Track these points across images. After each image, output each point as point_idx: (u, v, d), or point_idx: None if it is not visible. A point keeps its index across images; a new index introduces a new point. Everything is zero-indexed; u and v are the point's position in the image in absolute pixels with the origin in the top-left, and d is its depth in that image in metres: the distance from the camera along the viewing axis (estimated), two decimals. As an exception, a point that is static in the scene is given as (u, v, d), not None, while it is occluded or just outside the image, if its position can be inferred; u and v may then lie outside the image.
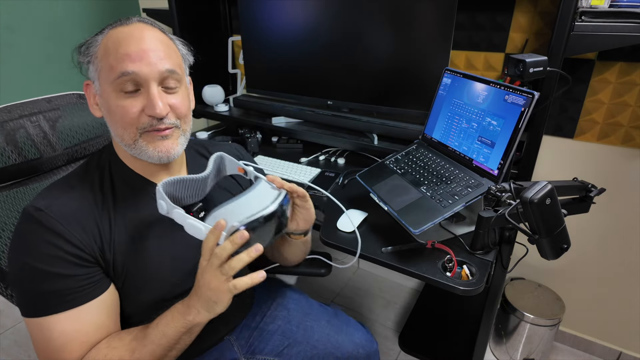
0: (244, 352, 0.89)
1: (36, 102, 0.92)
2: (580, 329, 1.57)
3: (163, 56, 0.67)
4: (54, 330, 0.64)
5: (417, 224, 0.88)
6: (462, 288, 0.83)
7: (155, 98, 0.66)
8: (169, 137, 0.70)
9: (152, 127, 0.68)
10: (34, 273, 0.63)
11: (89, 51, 0.69)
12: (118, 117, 0.67)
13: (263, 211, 0.63)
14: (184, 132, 0.74)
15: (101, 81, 0.68)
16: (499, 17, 1.27)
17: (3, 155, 0.84)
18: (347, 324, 0.95)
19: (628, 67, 1.17)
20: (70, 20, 1.85)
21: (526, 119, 0.87)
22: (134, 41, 0.66)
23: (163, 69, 0.67)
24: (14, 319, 1.74)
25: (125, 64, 0.64)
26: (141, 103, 0.67)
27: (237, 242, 0.59)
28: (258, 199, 0.66)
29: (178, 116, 0.71)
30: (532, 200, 0.70)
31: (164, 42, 0.70)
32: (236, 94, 1.87)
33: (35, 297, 0.64)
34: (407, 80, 1.32)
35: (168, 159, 0.71)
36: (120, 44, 0.66)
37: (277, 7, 1.45)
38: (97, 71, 0.68)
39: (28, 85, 1.77)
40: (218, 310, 0.64)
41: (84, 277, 0.66)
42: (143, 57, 0.65)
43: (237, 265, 0.60)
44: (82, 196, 0.69)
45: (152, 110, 0.66)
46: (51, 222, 0.64)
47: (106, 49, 0.67)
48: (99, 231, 0.68)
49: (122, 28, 0.68)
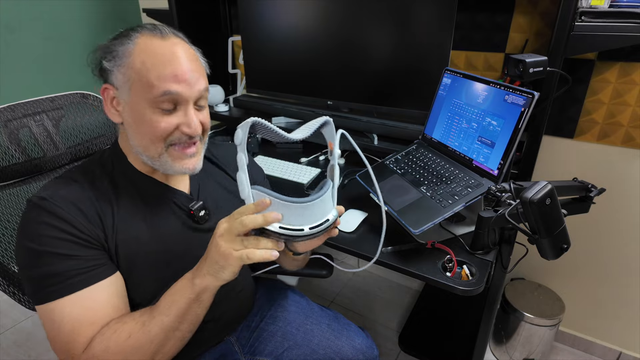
0: (244, 352, 0.89)
1: (40, 101, 0.92)
2: (580, 329, 1.57)
3: (199, 76, 0.70)
4: (65, 313, 0.64)
5: (417, 224, 0.88)
6: (462, 288, 0.83)
7: (192, 117, 0.69)
8: (195, 155, 0.73)
9: (180, 141, 0.70)
10: (41, 257, 0.64)
11: (119, 60, 0.68)
12: (149, 130, 0.68)
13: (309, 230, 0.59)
14: (203, 145, 0.76)
15: (133, 93, 0.67)
16: (499, 17, 1.27)
17: (7, 154, 0.85)
18: (347, 328, 0.95)
19: (628, 67, 1.17)
20: (70, 20, 1.85)
21: (526, 119, 0.87)
22: (177, 61, 0.67)
23: (202, 88, 0.70)
24: (14, 319, 1.74)
25: (168, 85, 0.65)
26: (177, 120, 0.68)
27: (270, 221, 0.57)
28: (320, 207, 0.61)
29: (204, 130, 0.74)
30: (532, 200, 0.70)
31: (197, 60, 0.71)
32: (236, 94, 1.87)
33: (45, 281, 0.64)
34: (407, 80, 1.32)
35: (192, 173, 0.74)
36: (162, 62, 0.66)
37: (277, 7, 1.45)
38: (129, 82, 0.67)
39: (28, 85, 1.77)
40: (224, 277, 0.62)
41: (91, 258, 0.66)
42: (186, 80, 0.67)
43: (258, 244, 0.58)
44: (84, 189, 0.70)
45: (189, 129, 0.69)
46: (55, 209, 0.65)
47: (144, 64, 0.66)
48: (101, 222, 0.69)
49: (158, 42, 0.67)
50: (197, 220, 0.79)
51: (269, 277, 1.09)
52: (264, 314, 0.96)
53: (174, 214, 0.78)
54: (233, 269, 0.60)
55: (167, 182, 0.79)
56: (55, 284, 0.64)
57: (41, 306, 0.64)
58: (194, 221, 0.79)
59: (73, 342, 0.63)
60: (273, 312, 0.96)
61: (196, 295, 0.64)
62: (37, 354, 1.58)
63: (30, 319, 1.74)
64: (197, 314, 0.66)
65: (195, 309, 0.65)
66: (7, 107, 0.87)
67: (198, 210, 0.79)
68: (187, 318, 0.65)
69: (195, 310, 0.65)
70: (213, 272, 0.62)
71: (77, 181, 0.71)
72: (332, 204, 0.63)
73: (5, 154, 0.84)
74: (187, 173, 0.74)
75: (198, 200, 0.81)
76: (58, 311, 0.64)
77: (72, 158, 0.97)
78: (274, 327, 0.93)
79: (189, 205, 0.79)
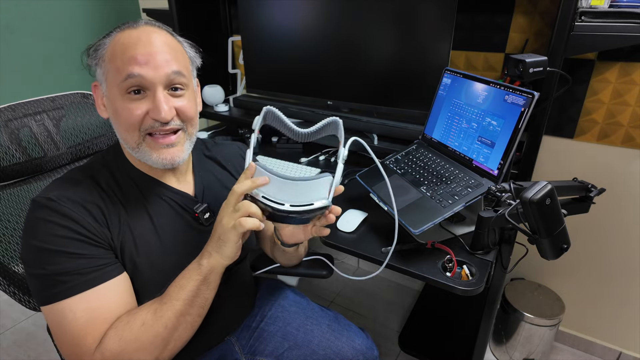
0: (244, 352, 0.89)
1: (40, 101, 0.92)
2: (580, 329, 1.57)
3: (170, 59, 0.68)
4: (75, 312, 0.63)
5: (417, 224, 0.88)
6: (462, 288, 0.83)
7: (160, 102, 0.66)
8: (175, 145, 0.71)
9: (154, 129, 0.68)
10: (50, 256, 0.63)
11: (97, 54, 0.69)
12: (123, 119, 0.68)
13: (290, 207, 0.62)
14: (189, 136, 0.74)
15: (108, 83, 0.68)
16: (498, 18, 1.27)
17: (7, 154, 0.85)
18: (347, 329, 0.95)
19: (628, 67, 1.17)
20: (71, 20, 1.85)
21: (526, 119, 0.87)
22: (141, 44, 0.66)
23: (169, 71, 0.67)
24: (14, 319, 1.74)
25: (131, 67, 0.65)
26: (147, 106, 0.67)
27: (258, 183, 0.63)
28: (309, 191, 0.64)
29: (184, 119, 0.72)
30: (532, 200, 0.70)
31: (172, 44, 0.70)
32: (236, 94, 1.87)
33: (53, 281, 0.63)
34: (407, 80, 1.32)
35: (172, 165, 0.72)
36: (127, 47, 0.66)
37: (277, 7, 1.45)
38: (105, 74, 0.69)
39: (28, 85, 1.77)
40: (227, 252, 0.66)
41: (100, 257, 0.66)
42: (150, 61, 0.65)
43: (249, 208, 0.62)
44: (89, 190, 0.70)
45: (157, 114, 0.67)
46: (63, 208, 0.65)
47: (114, 52, 0.67)
48: (107, 223, 0.69)
49: (130, 31, 0.68)
50: (201, 222, 0.79)
51: (269, 277, 1.09)
52: (264, 314, 0.95)
53: (178, 215, 0.78)
54: (233, 242, 0.65)
55: (167, 182, 0.78)
56: (64, 282, 0.63)
57: (48, 306, 0.64)
58: (199, 223, 0.79)
59: (84, 340, 0.63)
60: (273, 313, 0.96)
61: (204, 277, 0.67)
62: (37, 354, 1.58)
63: (30, 319, 1.74)
64: (206, 297, 0.68)
65: (204, 292, 0.67)
66: (7, 107, 0.87)
67: (203, 212, 0.79)
68: (196, 301, 0.67)
69: (204, 293, 0.68)
70: (217, 248, 0.66)
71: (81, 182, 0.71)
72: (325, 195, 0.65)
73: (6, 154, 0.84)
74: (167, 166, 0.72)
75: (203, 202, 0.81)
76: (68, 310, 0.63)
77: (72, 158, 0.97)
78: (274, 328, 0.93)
79: (193, 208, 0.79)
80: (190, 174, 0.83)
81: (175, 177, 0.80)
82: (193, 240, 0.78)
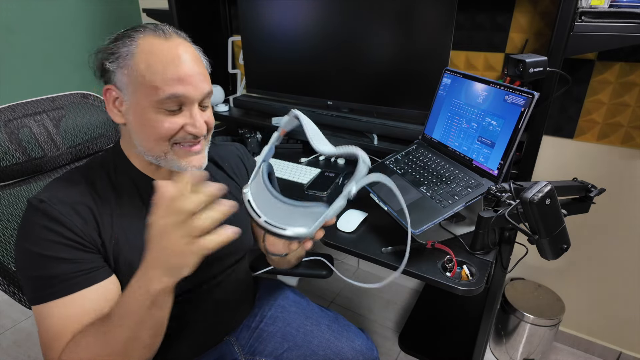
0: (244, 352, 0.89)
1: (40, 101, 0.92)
2: (580, 329, 1.57)
3: (204, 78, 0.70)
4: (53, 316, 0.64)
5: (417, 224, 0.88)
6: (462, 288, 0.83)
7: (198, 118, 0.69)
8: (200, 152, 0.73)
9: (185, 140, 0.70)
10: (36, 259, 0.64)
11: (122, 61, 0.67)
12: (153, 130, 0.68)
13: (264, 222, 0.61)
14: (207, 143, 0.76)
15: (138, 95, 0.67)
16: (499, 17, 1.27)
17: (7, 154, 0.85)
18: (347, 329, 0.95)
19: (628, 67, 1.17)
20: (71, 20, 1.85)
21: (526, 119, 0.87)
22: (182, 63, 0.67)
23: (205, 91, 0.70)
24: (14, 319, 1.74)
25: (175, 87, 0.65)
26: (182, 121, 0.68)
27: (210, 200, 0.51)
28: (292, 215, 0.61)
29: (208, 130, 0.74)
30: (532, 201, 0.70)
31: (200, 60, 0.72)
32: (236, 94, 1.87)
33: (38, 283, 0.64)
34: (407, 81, 1.32)
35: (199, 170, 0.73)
36: (167, 65, 0.66)
37: (277, 7, 1.45)
38: (133, 83, 0.67)
39: (28, 85, 1.77)
40: (184, 274, 0.54)
41: (84, 262, 0.66)
42: (192, 81, 0.67)
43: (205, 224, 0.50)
44: (83, 192, 0.70)
45: (195, 129, 0.69)
46: (52, 211, 0.65)
47: (148, 66, 0.65)
48: (97, 226, 0.69)
49: (161, 43, 0.67)
50: None
51: (269, 277, 1.09)
52: (264, 315, 0.95)
53: None
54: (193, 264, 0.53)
55: None
56: (49, 286, 0.64)
57: (33, 307, 0.65)
58: None
59: (52, 348, 0.63)
60: (273, 313, 0.96)
61: (153, 301, 0.56)
62: (37, 354, 1.58)
63: (30, 319, 1.74)
64: (159, 317, 0.59)
65: (156, 314, 0.58)
66: (7, 107, 0.87)
67: None
68: (146, 325, 0.58)
69: (156, 315, 0.59)
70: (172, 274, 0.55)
71: (77, 183, 0.71)
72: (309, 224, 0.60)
73: (6, 154, 0.84)
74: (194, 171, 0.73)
75: None
76: (48, 312, 0.64)
77: (72, 158, 0.97)
78: (273, 328, 0.93)
79: None
80: None
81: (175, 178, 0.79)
82: None
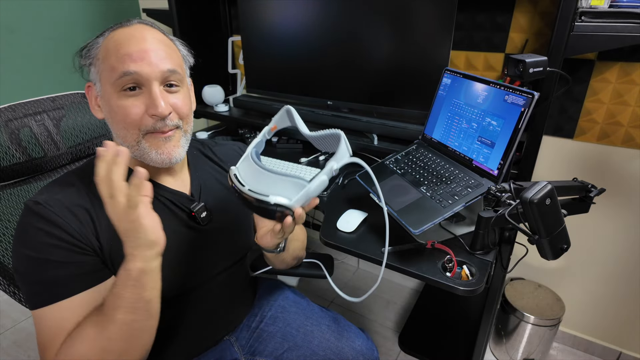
0: (244, 352, 0.89)
1: (40, 101, 0.93)
2: (580, 329, 1.57)
3: (164, 56, 0.68)
4: (51, 319, 0.63)
5: (417, 224, 0.88)
6: (462, 288, 0.83)
7: (157, 97, 0.67)
8: (171, 139, 0.71)
9: (155, 129, 0.69)
10: (33, 263, 0.64)
11: (90, 54, 0.70)
12: (120, 117, 0.68)
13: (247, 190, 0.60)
14: (185, 133, 0.74)
15: (103, 82, 0.68)
16: (499, 17, 1.27)
17: (7, 154, 0.85)
18: (347, 329, 0.95)
19: (628, 67, 1.17)
20: (71, 21, 1.85)
21: (526, 119, 0.87)
22: (135, 41, 0.67)
23: (164, 68, 0.68)
24: (14, 319, 1.74)
25: (126, 64, 0.65)
26: (143, 103, 0.67)
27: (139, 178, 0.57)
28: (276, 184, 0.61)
29: (180, 116, 0.72)
30: (532, 201, 0.70)
31: (165, 42, 0.71)
32: (236, 94, 1.87)
33: (36, 288, 0.64)
34: (407, 81, 1.32)
35: (170, 162, 0.72)
36: (121, 45, 0.66)
37: (277, 7, 1.45)
38: (99, 73, 0.69)
39: (28, 85, 1.77)
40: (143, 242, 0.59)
41: (82, 265, 0.66)
42: (144, 57, 0.66)
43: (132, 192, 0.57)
44: (80, 193, 0.70)
45: (155, 109, 0.66)
46: (49, 214, 0.65)
47: (107, 51, 0.67)
48: (94, 227, 0.68)
49: (122, 30, 0.69)
50: (198, 221, 0.79)
51: (269, 278, 1.09)
52: (264, 315, 0.95)
53: (174, 215, 0.77)
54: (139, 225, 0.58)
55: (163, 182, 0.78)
56: (47, 290, 0.63)
57: (34, 311, 0.65)
58: (196, 222, 0.79)
59: (49, 348, 0.63)
60: (273, 313, 0.96)
61: (136, 281, 0.59)
62: (37, 354, 1.58)
63: (30, 319, 1.74)
64: (148, 298, 0.61)
65: (144, 294, 0.60)
66: (7, 107, 0.87)
67: (200, 211, 0.79)
68: (139, 306, 0.60)
69: (144, 296, 0.61)
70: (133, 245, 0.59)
71: (73, 184, 0.71)
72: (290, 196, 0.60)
73: (6, 154, 0.84)
74: (165, 163, 0.71)
75: (199, 201, 0.80)
76: (46, 316, 0.64)
77: (72, 158, 0.97)
78: (273, 328, 0.93)
79: (189, 207, 0.78)
80: (186, 172, 0.83)
81: (171, 177, 0.79)
82: (189, 239, 0.78)
